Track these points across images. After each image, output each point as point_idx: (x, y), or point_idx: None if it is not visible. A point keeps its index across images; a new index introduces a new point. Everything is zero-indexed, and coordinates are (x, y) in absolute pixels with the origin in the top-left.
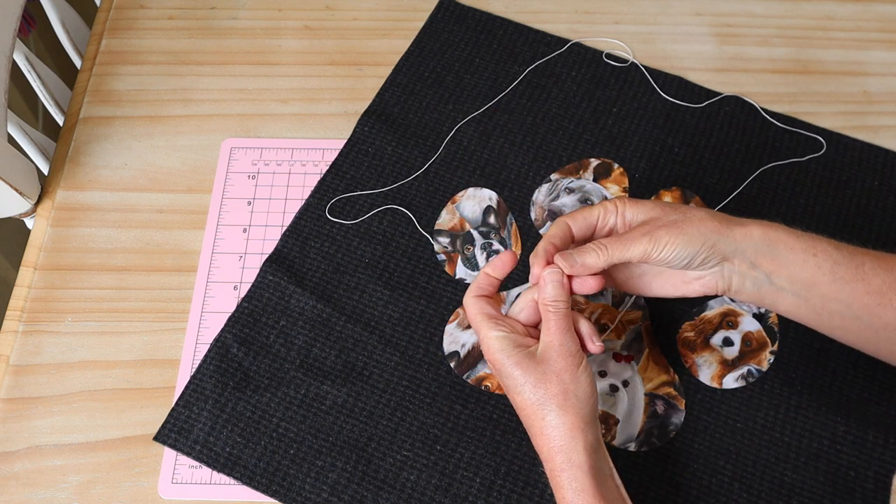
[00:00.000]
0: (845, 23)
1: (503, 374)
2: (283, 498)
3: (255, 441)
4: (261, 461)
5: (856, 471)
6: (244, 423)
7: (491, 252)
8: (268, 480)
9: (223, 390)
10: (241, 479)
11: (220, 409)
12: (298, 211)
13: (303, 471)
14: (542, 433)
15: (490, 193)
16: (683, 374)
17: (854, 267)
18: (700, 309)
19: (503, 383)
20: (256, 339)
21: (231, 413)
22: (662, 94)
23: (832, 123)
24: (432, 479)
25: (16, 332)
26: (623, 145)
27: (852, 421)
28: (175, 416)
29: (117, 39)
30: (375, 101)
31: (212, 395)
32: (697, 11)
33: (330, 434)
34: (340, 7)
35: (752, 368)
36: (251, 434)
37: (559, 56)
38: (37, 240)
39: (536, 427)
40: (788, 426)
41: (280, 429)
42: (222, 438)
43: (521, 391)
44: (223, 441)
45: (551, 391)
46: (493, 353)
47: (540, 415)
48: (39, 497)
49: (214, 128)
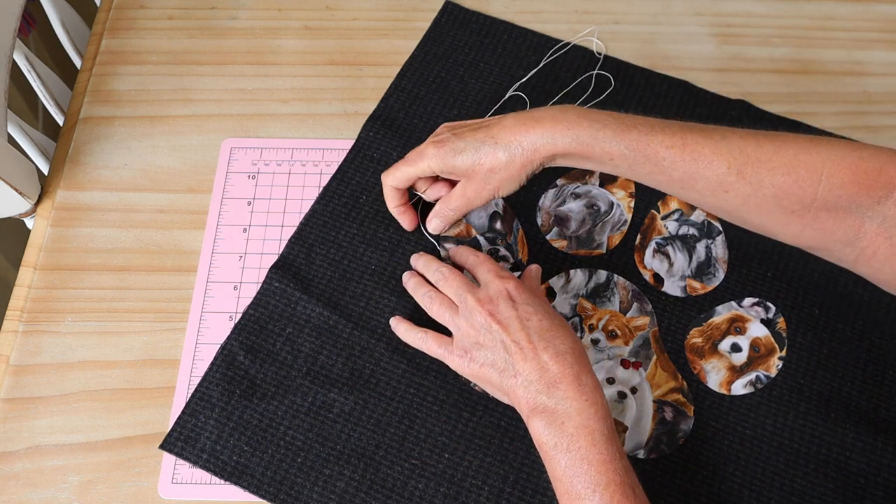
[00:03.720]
0: (845, 23)
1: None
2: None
3: (263, 449)
4: (268, 470)
5: (865, 478)
6: (251, 431)
7: (498, 258)
8: (275, 489)
9: (230, 398)
10: (248, 488)
11: (227, 418)
12: (304, 217)
13: (311, 479)
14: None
15: (496, 199)
16: (692, 380)
17: (653, 164)
18: (708, 315)
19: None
20: (263, 347)
21: (238, 421)
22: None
23: (832, 123)
24: (441, 487)
25: (16, 332)
26: None
27: (861, 427)
28: (181, 424)
29: (117, 39)
30: (380, 107)
31: (218, 404)
32: (697, 11)
33: (338, 442)
34: (340, 7)
35: (760, 374)
36: (258, 442)
37: (563, 59)
38: (37, 240)
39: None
40: (797, 433)
41: (287, 437)
42: (229, 447)
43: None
44: (230, 450)
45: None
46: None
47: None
48: (39, 497)
49: (214, 128)
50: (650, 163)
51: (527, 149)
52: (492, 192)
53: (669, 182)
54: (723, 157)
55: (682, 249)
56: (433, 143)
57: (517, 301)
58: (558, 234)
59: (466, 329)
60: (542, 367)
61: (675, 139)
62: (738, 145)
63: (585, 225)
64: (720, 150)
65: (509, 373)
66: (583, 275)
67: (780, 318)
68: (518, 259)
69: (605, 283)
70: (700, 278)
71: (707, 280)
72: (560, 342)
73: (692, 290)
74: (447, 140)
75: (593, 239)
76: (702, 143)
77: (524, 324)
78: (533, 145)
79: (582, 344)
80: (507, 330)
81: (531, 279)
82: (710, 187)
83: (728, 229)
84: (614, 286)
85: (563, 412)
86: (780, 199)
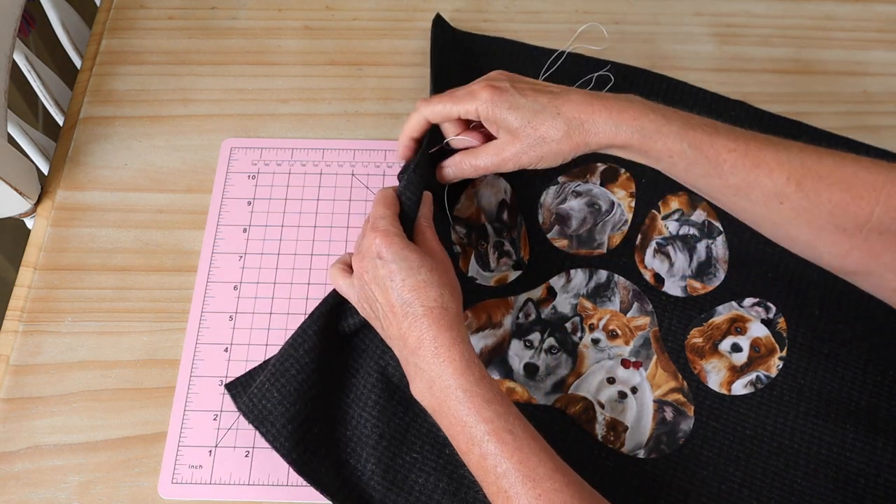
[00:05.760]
0: (845, 23)
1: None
2: (303, 470)
3: (290, 403)
4: (288, 426)
5: (865, 478)
6: (294, 386)
7: (502, 253)
8: (291, 445)
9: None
10: (268, 436)
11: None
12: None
13: (325, 458)
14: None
15: (506, 185)
16: (692, 380)
17: (712, 166)
18: (708, 315)
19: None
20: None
21: (287, 375)
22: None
23: (832, 123)
24: (440, 482)
25: (16, 332)
26: None
27: (861, 428)
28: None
29: (117, 39)
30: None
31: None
32: (697, 11)
33: (347, 428)
34: (340, 7)
35: (760, 374)
36: (288, 398)
37: (561, 66)
38: (37, 240)
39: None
40: (798, 433)
41: (307, 398)
42: (266, 394)
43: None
44: (264, 395)
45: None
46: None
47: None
48: (39, 497)
49: (214, 128)
50: (709, 164)
51: (588, 130)
52: (532, 160)
53: (723, 188)
54: (783, 166)
55: (683, 249)
56: (489, 88)
57: (385, 258)
58: (559, 232)
59: (354, 279)
60: (403, 334)
61: (738, 143)
62: (800, 157)
63: (586, 224)
64: (781, 159)
65: (385, 333)
66: (583, 274)
67: (781, 318)
68: (520, 256)
69: (605, 282)
70: (700, 278)
71: (707, 280)
72: (421, 302)
73: (693, 290)
74: (506, 90)
75: (594, 238)
76: (764, 150)
77: (387, 284)
78: (595, 128)
79: (455, 289)
80: (374, 290)
81: (425, 206)
82: (765, 197)
83: (729, 230)
84: (615, 286)
85: (428, 376)
86: (835, 215)
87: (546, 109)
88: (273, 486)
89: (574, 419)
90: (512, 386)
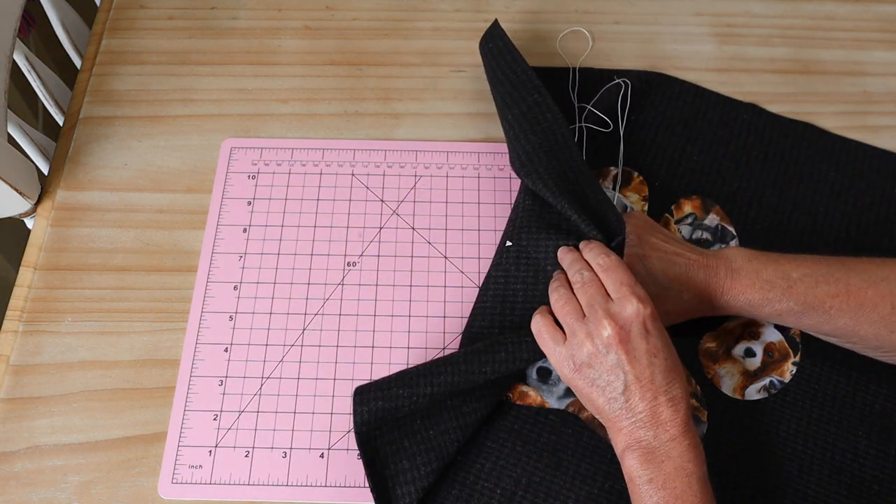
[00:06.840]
0: (845, 23)
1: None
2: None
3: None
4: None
5: (879, 484)
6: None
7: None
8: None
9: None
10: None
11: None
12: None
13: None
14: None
15: None
16: (705, 385)
17: (819, 314)
18: (721, 319)
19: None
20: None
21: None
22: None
23: (832, 123)
24: (452, 489)
25: (16, 332)
26: (641, 154)
27: (875, 434)
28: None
29: (117, 39)
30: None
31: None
32: (697, 11)
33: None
34: (340, 7)
35: (774, 380)
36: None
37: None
38: (37, 240)
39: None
40: (811, 439)
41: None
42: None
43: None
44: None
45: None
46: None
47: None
48: (39, 497)
49: (214, 128)
50: (817, 314)
51: (704, 310)
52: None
53: (833, 329)
54: (885, 298)
55: None
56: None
57: (651, 333)
58: None
59: (584, 340)
60: (656, 409)
61: (839, 286)
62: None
63: None
64: (882, 291)
65: (618, 403)
66: None
67: None
68: None
69: None
70: None
71: None
72: (677, 386)
73: None
74: (644, 258)
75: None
76: (864, 289)
77: (651, 360)
78: (710, 310)
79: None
80: (633, 363)
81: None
82: (875, 330)
83: (742, 234)
84: None
85: (664, 452)
86: None
87: (672, 288)
88: (273, 486)
89: (587, 423)
90: (525, 390)
